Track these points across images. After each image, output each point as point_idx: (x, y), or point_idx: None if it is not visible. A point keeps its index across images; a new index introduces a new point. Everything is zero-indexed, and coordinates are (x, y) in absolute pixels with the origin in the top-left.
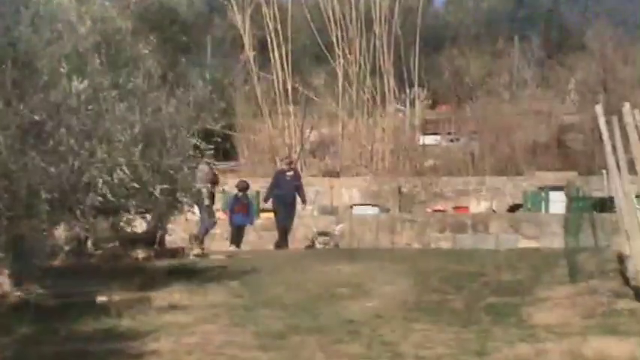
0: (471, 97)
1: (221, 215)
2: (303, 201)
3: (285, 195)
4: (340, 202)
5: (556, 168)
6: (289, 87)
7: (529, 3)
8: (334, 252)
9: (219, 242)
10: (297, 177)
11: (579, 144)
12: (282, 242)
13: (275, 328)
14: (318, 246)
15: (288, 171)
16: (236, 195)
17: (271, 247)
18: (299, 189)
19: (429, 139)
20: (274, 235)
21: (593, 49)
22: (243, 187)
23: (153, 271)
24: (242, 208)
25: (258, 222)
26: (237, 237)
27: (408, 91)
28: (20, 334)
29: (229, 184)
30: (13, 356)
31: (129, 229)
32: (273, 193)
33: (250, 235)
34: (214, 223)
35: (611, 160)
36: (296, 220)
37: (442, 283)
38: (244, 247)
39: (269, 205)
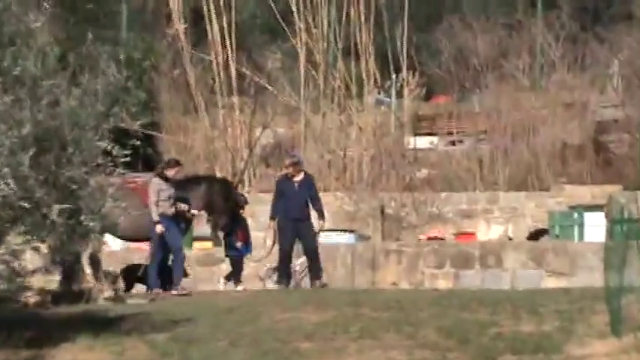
0: (478, 85)
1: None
2: (321, 216)
3: (293, 209)
4: None
5: (593, 180)
6: (233, 71)
7: None
8: (295, 294)
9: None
10: (308, 183)
11: (624, 147)
12: (283, 275)
13: None
14: (270, 286)
15: (295, 175)
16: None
17: (207, 286)
18: (314, 200)
19: (422, 142)
20: (212, 271)
21: None
22: (242, 202)
23: (49, 320)
24: (242, 233)
25: (192, 254)
26: (237, 271)
27: (393, 77)
28: None
29: None
30: None
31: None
32: (278, 207)
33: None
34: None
35: None
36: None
37: (441, 337)
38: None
39: (201, 231)
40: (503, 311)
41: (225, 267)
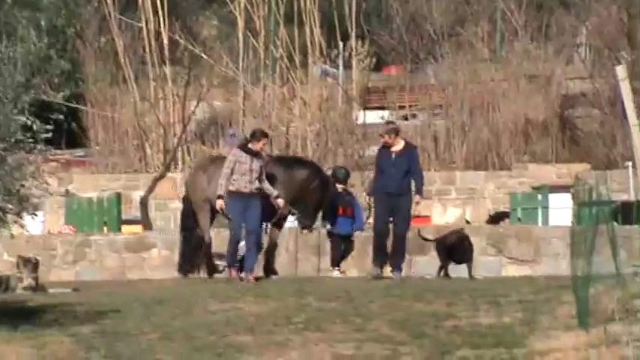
0: (433, 55)
1: (63, 229)
2: (418, 190)
3: (389, 183)
4: None
5: (559, 159)
6: (165, 40)
7: None
8: (232, 284)
9: (61, 269)
10: (409, 153)
11: (592, 123)
12: (377, 257)
13: None
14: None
15: (393, 144)
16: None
17: (137, 274)
18: (413, 172)
19: (372, 116)
20: (143, 257)
21: None
22: (344, 176)
23: None
24: (346, 209)
25: (120, 239)
26: (340, 253)
27: (340, 45)
28: None
29: (76, 183)
30: None
31: None
32: (376, 182)
33: (109, 259)
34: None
35: (639, 148)
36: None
37: (392, 329)
38: (100, 274)
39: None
40: (461, 302)
41: None
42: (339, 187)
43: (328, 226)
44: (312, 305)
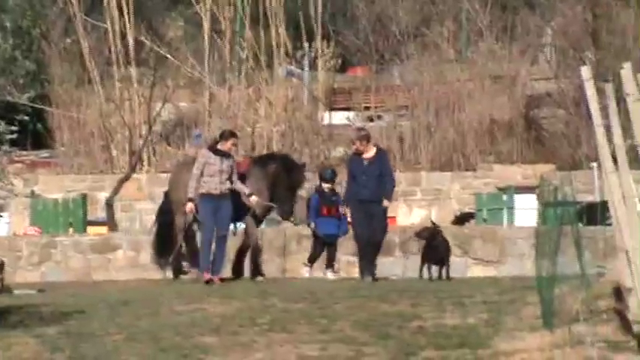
0: (399, 56)
1: (28, 230)
2: (386, 193)
3: (362, 190)
4: None
5: (524, 160)
6: (131, 40)
7: None
8: (198, 285)
9: (27, 270)
10: (380, 159)
11: (557, 124)
12: (366, 266)
13: None
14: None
15: (365, 151)
16: (319, 189)
17: (102, 275)
18: (385, 177)
19: (338, 117)
20: (108, 259)
21: None
22: (331, 176)
23: None
24: (331, 210)
25: (86, 240)
26: (319, 253)
27: (306, 46)
28: None
29: (41, 184)
30: None
31: None
32: (350, 190)
33: (74, 260)
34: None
35: (604, 149)
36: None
37: (357, 330)
38: (66, 275)
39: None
40: (426, 303)
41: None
42: (325, 186)
43: (312, 225)
44: (277, 306)
